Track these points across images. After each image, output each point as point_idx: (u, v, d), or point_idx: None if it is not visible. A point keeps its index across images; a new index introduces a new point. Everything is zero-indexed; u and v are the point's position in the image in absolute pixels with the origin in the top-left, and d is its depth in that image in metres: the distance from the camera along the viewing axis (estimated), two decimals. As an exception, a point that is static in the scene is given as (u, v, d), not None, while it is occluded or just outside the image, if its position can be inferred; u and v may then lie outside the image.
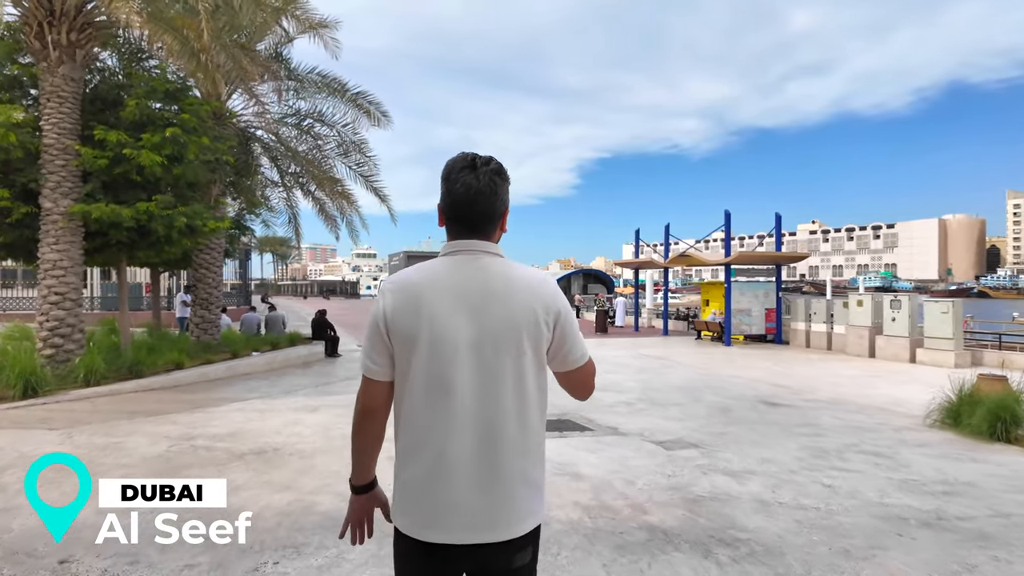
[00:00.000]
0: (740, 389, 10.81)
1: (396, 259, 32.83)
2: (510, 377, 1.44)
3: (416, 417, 1.46)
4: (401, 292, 1.46)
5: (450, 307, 1.43)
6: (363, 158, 13.38)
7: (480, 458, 1.43)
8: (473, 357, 1.43)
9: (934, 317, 14.80)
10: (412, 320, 1.43)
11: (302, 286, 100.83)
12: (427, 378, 1.43)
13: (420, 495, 1.44)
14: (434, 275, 1.48)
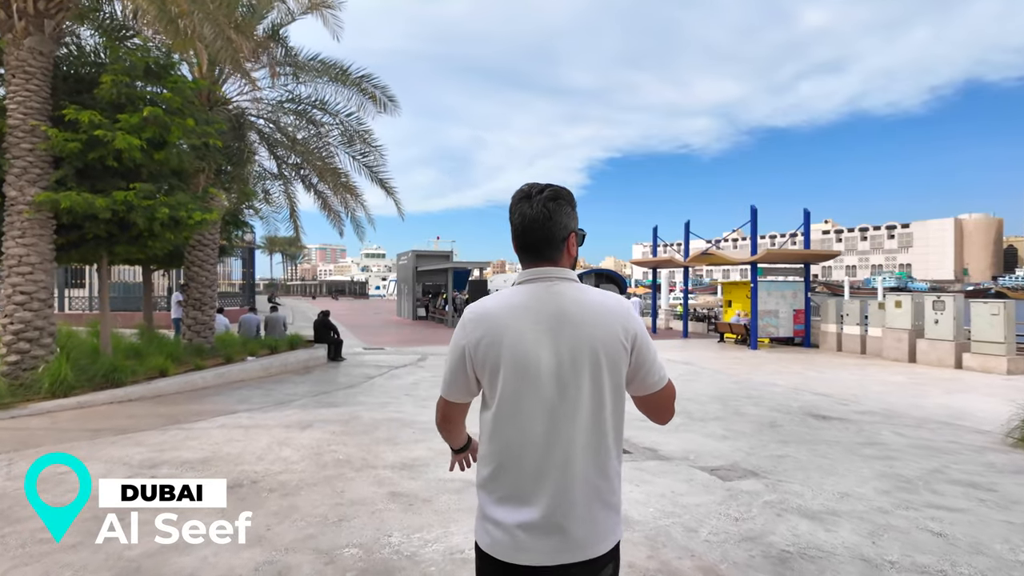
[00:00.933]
0: (780, 399, 9.80)
1: (404, 258, 31.92)
2: (589, 400, 1.49)
3: (499, 439, 1.52)
4: (482, 322, 1.52)
5: (529, 334, 1.49)
6: (368, 148, 12.44)
7: (561, 480, 1.48)
8: (553, 382, 1.48)
9: (983, 319, 13.66)
10: (494, 348, 1.49)
11: (311, 286, 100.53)
12: (509, 403, 1.49)
13: (503, 516, 1.50)
14: (512, 303, 1.53)
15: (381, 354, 15.62)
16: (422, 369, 12.57)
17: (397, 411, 7.93)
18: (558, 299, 1.51)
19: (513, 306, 1.52)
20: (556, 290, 1.53)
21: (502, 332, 1.49)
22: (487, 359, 1.50)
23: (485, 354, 1.50)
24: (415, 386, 10.23)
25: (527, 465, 1.48)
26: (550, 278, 1.54)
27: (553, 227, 1.54)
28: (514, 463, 1.49)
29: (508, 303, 1.53)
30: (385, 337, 20.99)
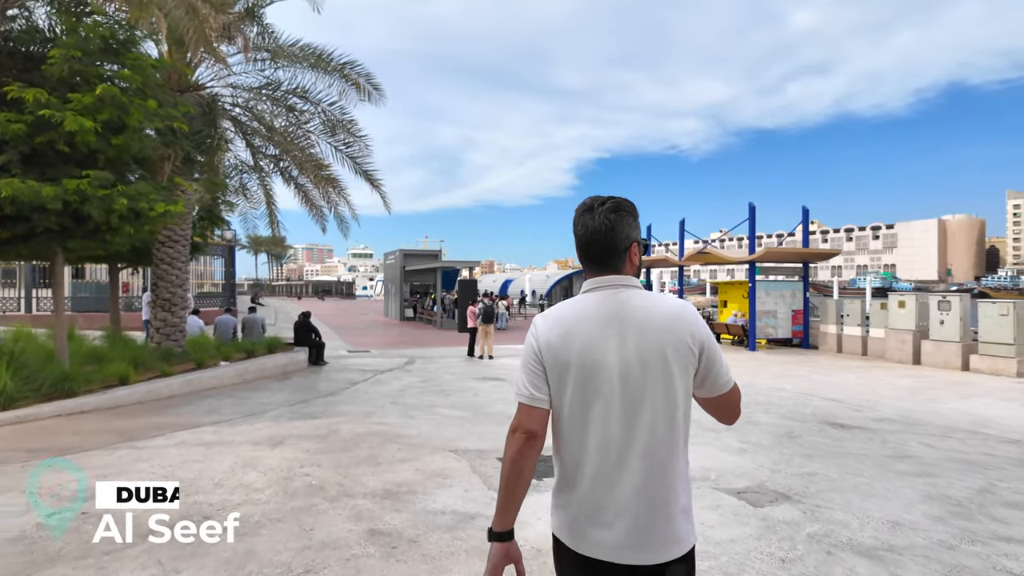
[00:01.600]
0: (791, 405, 9.22)
1: (392, 258, 31.13)
2: (659, 403, 1.50)
3: (571, 443, 1.55)
4: (555, 326, 1.58)
5: (600, 337, 1.53)
6: (352, 138, 11.69)
7: (637, 480, 1.49)
8: (622, 385, 1.50)
9: (991, 320, 13.18)
10: (567, 351, 1.53)
11: (296, 286, 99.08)
12: (580, 406, 1.53)
13: (577, 516, 1.53)
14: (582, 309, 1.58)
15: (366, 357, 14.87)
16: (409, 374, 11.85)
17: (381, 422, 7.21)
18: (626, 306, 1.56)
19: (582, 312, 1.57)
20: (622, 297, 1.57)
21: (574, 334, 1.54)
22: (557, 361, 1.54)
23: (558, 354, 1.54)
24: (401, 393, 9.51)
25: (602, 466, 1.52)
26: (615, 286, 1.60)
27: (615, 238, 1.59)
28: (589, 464, 1.52)
29: (577, 309, 1.58)
30: (371, 339, 20.21)
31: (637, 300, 1.57)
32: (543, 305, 36.56)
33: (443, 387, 10.23)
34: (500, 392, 9.82)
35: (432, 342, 19.16)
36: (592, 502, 1.52)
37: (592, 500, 1.52)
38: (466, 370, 12.63)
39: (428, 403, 8.63)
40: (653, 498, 1.50)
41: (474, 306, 15.03)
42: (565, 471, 1.57)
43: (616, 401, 1.51)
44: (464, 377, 11.52)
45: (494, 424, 7.27)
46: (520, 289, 41.51)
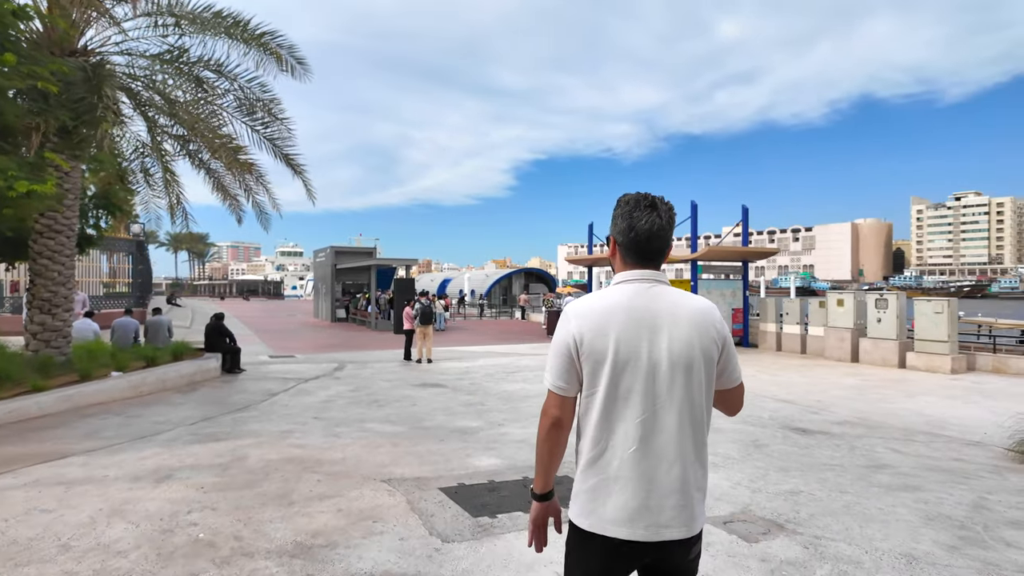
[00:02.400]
0: (747, 408, 8.76)
1: (322, 255, 29.43)
2: (687, 393, 1.58)
3: (603, 429, 1.59)
4: (588, 317, 1.61)
5: (634, 330, 1.58)
6: (272, 119, 10.41)
7: (663, 466, 1.57)
8: (654, 378, 1.57)
9: (926, 317, 13.41)
10: (601, 342, 1.58)
11: (219, 286, 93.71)
12: (614, 395, 1.58)
13: (607, 497, 1.58)
14: (617, 301, 1.62)
15: (290, 363, 13.52)
16: (338, 382, 10.69)
17: (300, 444, 6.13)
18: (660, 301, 1.61)
19: (616, 305, 1.61)
20: (657, 291, 1.63)
21: (608, 326, 1.58)
22: (593, 350, 1.58)
23: (591, 345, 1.58)
24: (327, 405, 8.40)
25: (635, 451, 1.57)
26: (648, 280, 1.64)
27: (670, 237, 1.70)
28: (620, 450, 1.58)
29: (611, 302, 1.63)
30: (298, 342, 18.73)
31: (671, 296, 1.63)
32: (482, 305, 35.68)
33: (376, 396, 9.18)
34: (441, 400, 8.89)
35: (365, 345, 17.92)
36: (622, 489, 1.57)
37: (622, 487, 1.57)
38: (403, 376, 11.59)
39: (358, 417, 7.58)
40: (681, 481, 1.58)
41: (410, 306, 13.97)
42: (594, 460, 1.62)
43: (648, 393, 1.57)
44: (400, 384, 10.50)
45: (435, 441, 6.34)
46: (459, 289, 40.46)
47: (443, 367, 12.93)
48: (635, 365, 1.57)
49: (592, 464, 1.61)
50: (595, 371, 1.59)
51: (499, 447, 6.12)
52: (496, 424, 7.28)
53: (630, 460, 1.57)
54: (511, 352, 16.05)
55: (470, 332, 23.13)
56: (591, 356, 1.58)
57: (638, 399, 1.57)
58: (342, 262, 28.04)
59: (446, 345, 17.54)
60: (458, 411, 8.08)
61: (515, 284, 43.09)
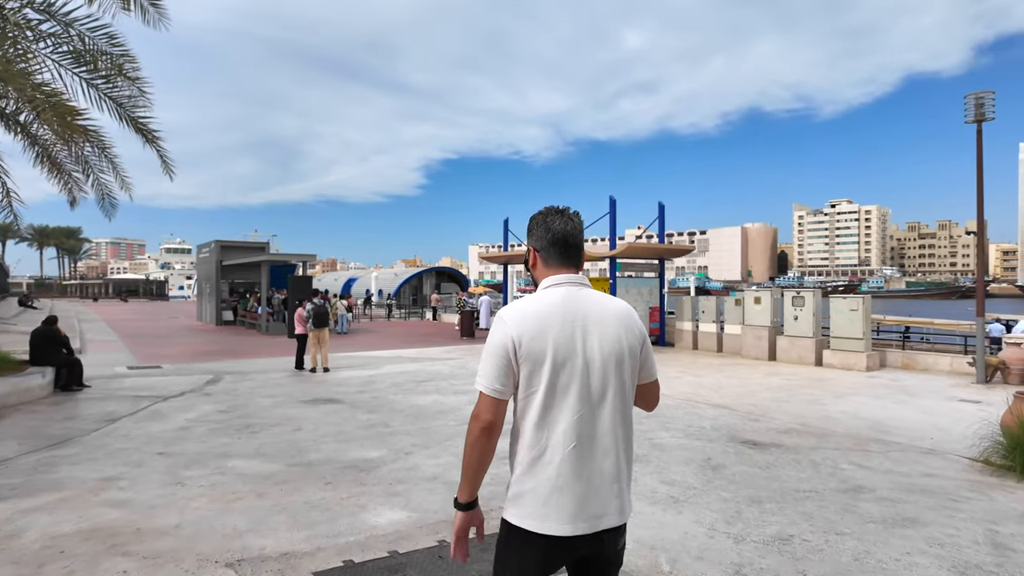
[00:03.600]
0: (685, 418, 7.95)
1: (206, 251, 26.35)
2: (619, 387, 1.69)
3: (542, 429, 1.64)
4: (526, 320, 1.65)
5: (569, 331, 1.65)
6: (119, 75, 8.30)
7: (599, 459, 1.66)
8: (589, 377, 1.66)
9: (841, 315, 13.37)
10: (539, 344, 1.63)
11: (93, 286, 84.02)
12: (552, 395, 1.63)
13: (550, 496, 1.62)
14: (552, 304, 1.69)
15: (153, 376, 11.26)
16: (207, 399, 8.76)
17: (120, 501, 4.38)
18: (588, 303, 1.71)
19: (551, 308, 1.68)
20: (584, 294, 1.73)
21: (545, 329, 1.64)
22: (531, 354, 1.62)
23: (530, 347, 1.62)
24: (182, 434, 6.57)
25: (574, 448, 1.63)
26: (576, 283, 1.74)
27: (582, 239, 1.81)
28: (561, 447, 1.63)
29: (545, 305, 1.69)
30: (171, 349, 16.15)
31: (597, 297, 1.74)
32: (390, 305, 33.64)
33: (252, 418, 7.43)
34: (334, 421, 7.29)
35: (252, 351, 15.69)
36: (562, 486, 1.62)
37: (562, 484, 1.62)
38: (290, 389, 9.80)
39: (219, 450, 5.86)
40: (617, 474, 1.68)
41: (302, 307, 12.11)
42: (534, 460, 1.65)
43: (584, 391, 1.65)
44: (285, 400, 8.74)
45: (319, 485, 4.80)
46: (366, 288, 38.07)
47: (342, 377, 11.22)
48: (571, 365, 1.64)
49: (532, 464, 1.65)
50: (533, 373, 1.63)
51: (406, 490, 4.70)
52: (403, 453, 5.84)
53: (570, 457, 1.63)
54: (422, 357, 14.54)
55: (376, 335, 21.29)
56: (529, 358, 1.62)
57: (575, 398, 1.64)
58: (229, 258, 25.13)
59: (348, 350, 15.70)
60: (355, 436, 6.55)
61: (426, 283, 41.32)
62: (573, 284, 1.72)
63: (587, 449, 1.63)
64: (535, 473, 1.63)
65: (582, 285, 1.74)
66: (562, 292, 1.70)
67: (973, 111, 11.05)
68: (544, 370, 1.62)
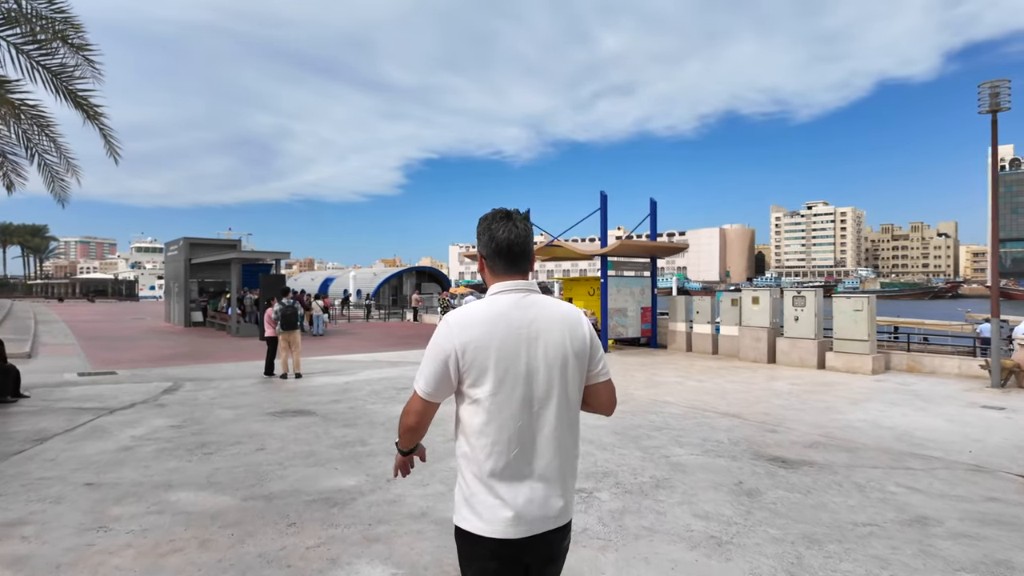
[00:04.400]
0: (697, 429, 7.20)
1: (175, 248, 25.06)
2: (563, 392, 1.70)
3: (488, 435, 1.64)
4: (471, 329, 1.64)
5: (514, 339, 1.65)
6: (53, 38, 7.23)
7: (543, 464, 1.67)
8: (534, 383, 1.66)
9: (845, 316, 12.76)
10: (484, 353, 1.63)
11: (58, 286, 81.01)
12: (498, 403, 1.64)
13: (496, 500, 1.63)
14: (497, 312, 1.67)
15: (105, 383, 10.16)
16: (161, 411, 7.75)
17: (18, 556, 3.40)
18: (535, 309, 1.70)
19: (497, 314, 1.67)
20: (531, 300, 1.71)
21: (490, 337, 1.64)
22: (475, 361, 1.63)
23: (474, 357, 1.63)
24: (122, 458, 5.57)
25: (518, 453, 1.64)
26: (523, 290, 1.72)
27: (530, 244, 1.77)
28: (507, 452, 1.64)
29: (492, 311, 1.68)
30: (131, 352, 14.96)
31: (541, 304, 1.72)
32: (369, 306, 32.50)
33: (208, 435, 6.46)
34: (304, 439, 6.35)
35: (219, 355, 14.59)
36: (510, 490, 1.63)
37: (509, 488, 1.63)
38: (257, 399, 8.81)
39: (163, 478, 4.90)
40: (561, 475, 1.70)
41: (271, 307, 11.11)
42: (480, 465, 1.65)
43: (528, 398, 1.65)
44: (250, 412, 7.77)
45: (280, 528, 3.88)
46: (344, 288, 36.82)
47: (315, 384, 10.24)
48: (516, 373, 1.64)
49: (479, 470, 1.64)
50: (477, 381, 1.63)
51: (388, 534, 3.80)
52: (383, 480, 4.93)
53: (515, 462, 1.63)
54: (402, 360, 13.60)
55: (354, 337, 20.24)
56: (474, 367, 1.63)
57: (519, 405, 1.64)
58: (198, 256, 23.85)
59: (323, 354, 14.69)
60: (327, 457, 5.62)
61: (406, 283, 40.23)
62: (520, 291, 1.71)
63: (531, 454, 1.65)
64: (482, 478, 1.64)
65: (529, 291, 1.73)
66: (509, 299, 1.69)
67: (988, 100, 10.48)
68: (488, 378, 1.63)
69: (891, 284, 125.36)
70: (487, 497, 1.63)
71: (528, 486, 1.64)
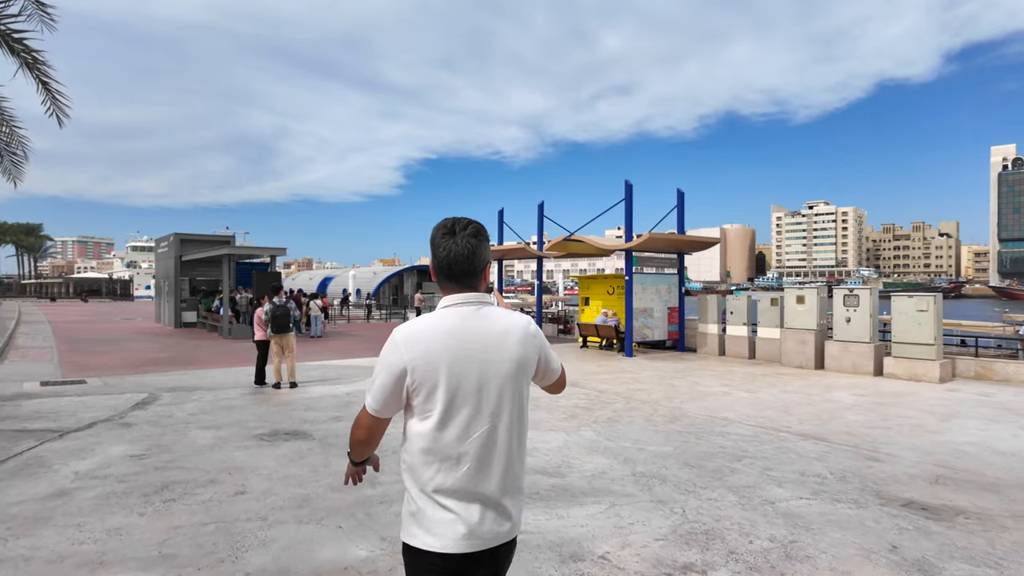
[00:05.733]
0: (784, 458, 5.87)
1: (164, 245, 23.66)
2: (515, 404, 1.67)
3: (438, 451, 1.60)
4: (419, 345, 1.61)
5: (465, 355, 1.62)
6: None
7: (493, 479, 1.63)
8: (484, 396, 1.62)
9: (907, 317, 11.37)
10: (433, 370, 1.59)
11: (51, 285, 79.38)
12: (448, 418, 1.60)
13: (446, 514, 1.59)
14: (447, 326, 1.64)
15: (69, 394, 8.75)
16: (123, 434, 6.34)
17: None
18: (483, 322, 1.66)
19: (447, 328, 1.64)
20: (480, 313, 1.68)
21: (439, 353, 1.60)
22: (426, 378, 1.59)
23: (424, 373, 1.59)
24: (54, 507, 4.17)
25: (469, 468, 1.60)
26: (473, 303, 1.68)
27: (475, 261, 1.69)
28: (457, 468, 1.60)
29: (441, 325, 1.64)
30: (111, 357, 13.54)
31: (491, 315, 1.69)
32: (370, 306, 31.08)
33: (175, 470, 5.06)
34: (298, 473, 4.96)
35: (207, 360, 13.18)
36: (460, 505, 1.59)
37: (459, 503, 1.59)
38: (244, 414, 7.41)
39: (95, 548, 3.50)
40: (511, 489, 1.67)
41: (261, 307, 9.69)
42: (429, 480, 1.61)
43: (480, 413, 1.62)
44: (233, 435, 6.37)
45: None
46: (343, 288, 35.38)
47: (312, 396, 8.85)
48: (465, 388, 1.61)
49: (427, 485, 1.61)
50: (428, 397, 1.60)
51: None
52: (405, 547, 3.55)
53: (465, 477, 1.60)
54: (409, 367, 12.20)
55: (355, 339, 18.83)
56: (424, 384, 1.60)
57: (469, 420, 1.61)
58: (189, 252, 22.40)
59: (321, 358, 13.28)
60: (328, 507, 4.22)
61: (407, 282, 38.84)
62: (470, 304, 1.68)
63: (482, 469, 1.62)
64: (431, 493, 1.61)
65: (480, 304, 1.70)
66: (459, 312, 1.67)
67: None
68: (438, 395, 1.60)
69: (894, 284, 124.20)
70: (436, 512, 1.60)
71: (478, 502, 1.61)
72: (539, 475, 5.12)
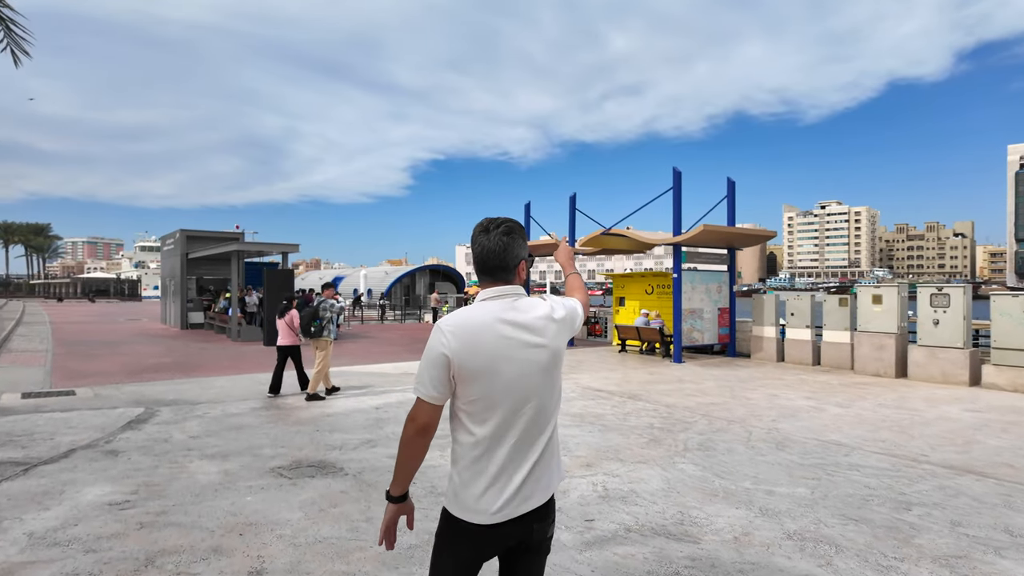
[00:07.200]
0: (958, 503, 4.51)
1: (171, 242, 22.45)
2: (548, 393, 1.78)
3: (477, 434, 1.71)
4: (462, 334, 1.69)
5: (504, 343, 1.71)
6: None
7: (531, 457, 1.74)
8: (523, 382, 1.72)
9: (1010, 319, 9.90)
10: (475, 358, 1.68)
11: (59, 285, 78.64)
12: (487, 403, 1.70)
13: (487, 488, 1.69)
14: (485, 316, 1.73)
15: (52, 409, 7.43)
16: (108, 465, 5.01)
17: None
18: (520, 313, 1.75)
19: (487, 318, 1.72)
20: (517, 304, 1.77)
21: (480, 342, 1.69)
22: (467, 365, 1.67)
23: (467, 361, 1.67)
24: None
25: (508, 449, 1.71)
26: (509, 295, 1.78)
27: (507, 257, 1.79)
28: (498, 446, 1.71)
29: (483, 317, 1.73)
30: (109, 362, 12.25)
31: (527, 306, 1.78)
32: (383, 306, 29.77)
33: (167, 528, 3.72)
34: (332, 532, 3.62)
35: (215, 366, 11.86)
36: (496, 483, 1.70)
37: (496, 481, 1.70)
38: (257, 438, 6.06)
39: None
40: (548, 462, 1.79)
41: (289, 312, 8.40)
42: (475, 459, 1.72)
43: (517, 398, 1.71)
44: (245, 467, 5.02)
45: None
46: (353, 288, 34.09)
47: (337, 410, 7.50)
48: (505, 376, 1.69)
49: (472, 463, 1.71)
50: (469, 384, 1.69)
51: None
52: None
53: (506, 454, 1.70)
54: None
55: (373, 341, 17.51)
56: (465, 370, 1.67)
57: (509, 404, 1.70)
58: (196, 250, 21.13)
59: (342, 363, 11.93)
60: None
61: (419, 282, 37.49)
62: (506, 296, 1.77)
63: (520, 450, 1.71)
64: (474, 470, 1.70)
65: (517, 296, 1.78)
66: (499, 304, 1.75)
67: None
68: (479, 382, 1.68)
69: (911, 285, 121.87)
70: (475, 489, 1.69)
71: (517, 479, 1.70)
72: (662, 538, 3.74)
